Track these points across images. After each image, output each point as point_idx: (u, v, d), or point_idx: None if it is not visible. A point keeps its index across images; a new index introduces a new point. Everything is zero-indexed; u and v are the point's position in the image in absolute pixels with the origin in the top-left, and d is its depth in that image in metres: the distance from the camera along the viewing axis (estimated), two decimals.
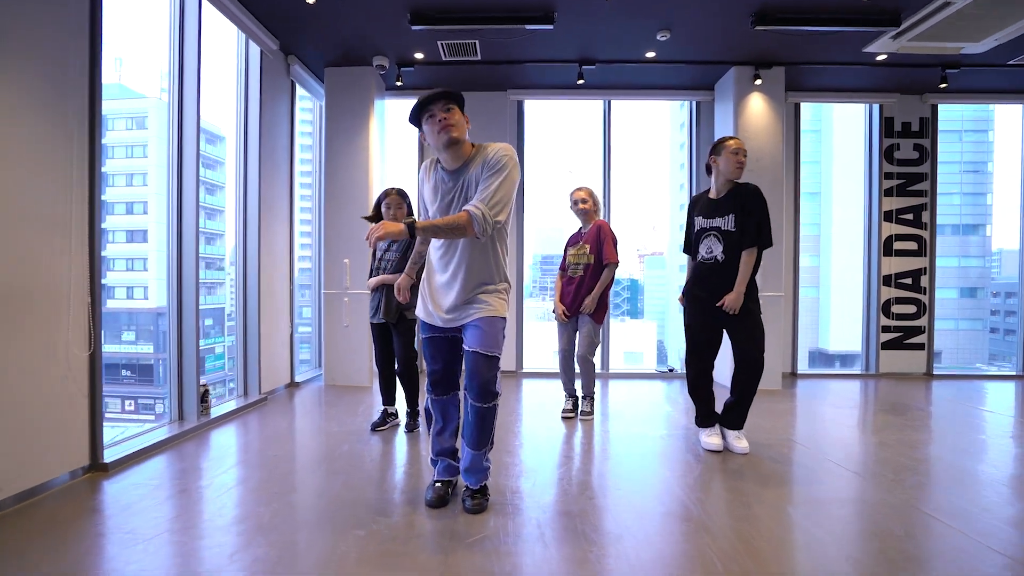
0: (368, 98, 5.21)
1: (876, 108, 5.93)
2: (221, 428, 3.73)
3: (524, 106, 5.94)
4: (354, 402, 4.51)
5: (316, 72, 5.36)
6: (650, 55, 4.94)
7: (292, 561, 1.93)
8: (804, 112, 5.81)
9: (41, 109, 2.50)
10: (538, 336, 6.86)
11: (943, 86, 5.21)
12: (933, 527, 2.24)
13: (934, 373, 5.92)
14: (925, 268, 5.93)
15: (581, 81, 5.21)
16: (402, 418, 3.83)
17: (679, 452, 3.26)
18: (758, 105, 5.18)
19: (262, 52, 4.52)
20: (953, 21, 4.07)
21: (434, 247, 2.39)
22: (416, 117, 2.27)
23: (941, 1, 3.83)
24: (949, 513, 2.37)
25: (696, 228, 3.26)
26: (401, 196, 3.55)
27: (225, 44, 4.55)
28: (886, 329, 5.93)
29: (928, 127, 5.91)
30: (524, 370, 5.94)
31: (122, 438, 3.18)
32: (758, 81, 5.10)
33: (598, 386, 5.19)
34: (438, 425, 2.50)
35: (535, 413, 4.22)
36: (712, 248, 3.16)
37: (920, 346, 5.93)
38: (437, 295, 2.36)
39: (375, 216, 3.55)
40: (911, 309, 5.93)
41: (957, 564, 1.95)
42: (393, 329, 3.56)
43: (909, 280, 5.92)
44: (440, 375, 2.43)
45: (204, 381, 3.80)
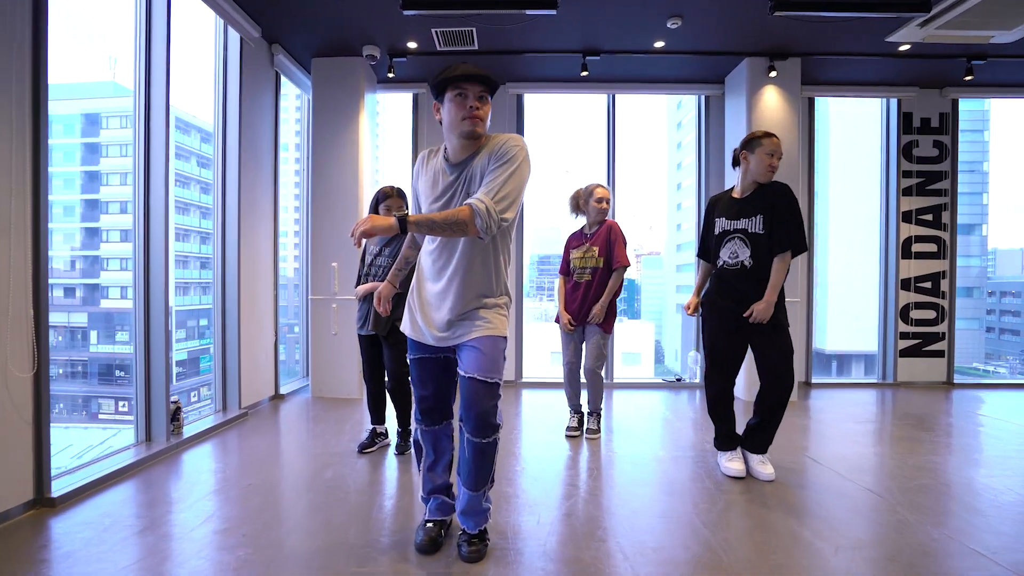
0: (358, 90, 4.88)
1: (894, 103, 5.63)
2: (195, 449, 3.40)
3: (524, 100, 5.62)
4: (341, 418, 4.18)
5: (302, 62, 5.02)
6: (659, 45, 4.62)
7: None
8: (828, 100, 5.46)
9: None
10: (536, 340, 6.55)
11: (968, 78, 4.90)
12: (961, 549, 1.94)
13: (955, 382, 5.63)
14: (945, 271, 5.64)
15: (585, 73, 4.89)
16: (392, 438, 3.51)
17: (697, 478, 2.95)
18: (772, 99, 4.87)
19: (242, 40, 4.19)
20: (987, 6, 3.77)
21: (426, 251, 2.06)
22: (441, 86, 1.92)
23: None
24: (1004, 553, 2.06)
25: (717, 230, 2.95)
26: (402, 198, 3.24)
27: (200, 28, 4.22)
28: (904, 335, 5.63)
29: (948, 123, 5.61)
30: (524, 380, 5.63)
31: (77, 464, 2.85)
32: (773, 73, 4.79)
33: (603, 398, 4.89)
34: (429, 459, 2.18)
35: (537, 430, 3.90)
36: (737, 252, 2.85)
37: (940, 353, 5.64)
38: (428, 308, 2.03)
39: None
40: (930, 314, 5.64)
41: None
42: (384, 342, 3.23)
43: (928, 284, 5.63)
44: (431, 402, 2.11)
45: (176, 398, 3.47)
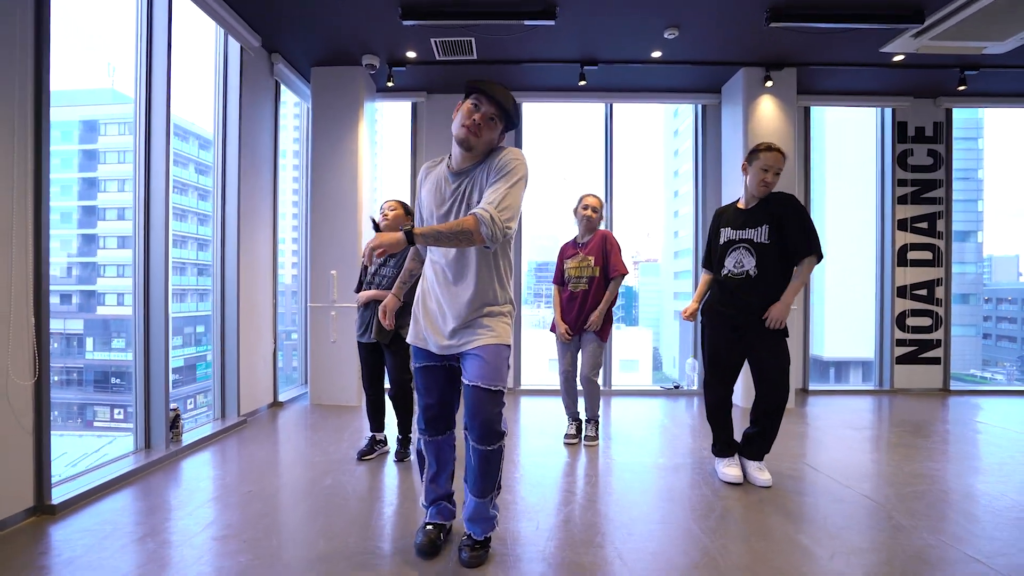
0: (357, 99, 4.92)
1: (888, 112, 5.69)
2: (194, 457, 3.40)
3: (522, 110, 5.66)
4: (340, 425, 4.19)
5: (302, 71, 5.06)
6: (656, 54, 4.67)
7: None
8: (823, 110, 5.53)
9: None
10: (534, 347, 6.56)
11: (962, 88, 4.96)
12: (955, 555, 1.95)
13: (951, 388, 5.66)
14: (940, 279, 5.68)
15: (583, 83, 4.94)
16: (392, 445, 3.51)
17: (694, 485, 2.96)
18: (768, 108, 4.92)
19: (242, 49, 4.22)
20: (980, 18, 3.83)
21: (431, 262, 2.09)
22: (470, 90, 2.01)
23: None
24: (997, 557, 2.08)
25: (723, 240, 2.97)
26: (407, 212, 3.27)
27: (200, 38, 4.26)
28: (901, 343, 5.67)
29: (942, 132, 5.67)
30: (522, 387, 5.64)
31: (77, 472, 2.85)
32: (769, 83, 4.84)
33: (601, 404, 4.90)
34: (432, 470, 2.18)
35: (536, 438, 3.91)
36: (743, 261, 2.87)
37: (936, 360, 5.67)
38: (433, 317, 2.05)
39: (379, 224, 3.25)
40: (926, 322, 5.67)
41: None
42: (386, 350, 3.24)
43: (924, 291, 5.67)
44: (436, 411, 2.12)
45: (175, 405, 3.47)
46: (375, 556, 2.14)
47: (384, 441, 3.46)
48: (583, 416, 3.84)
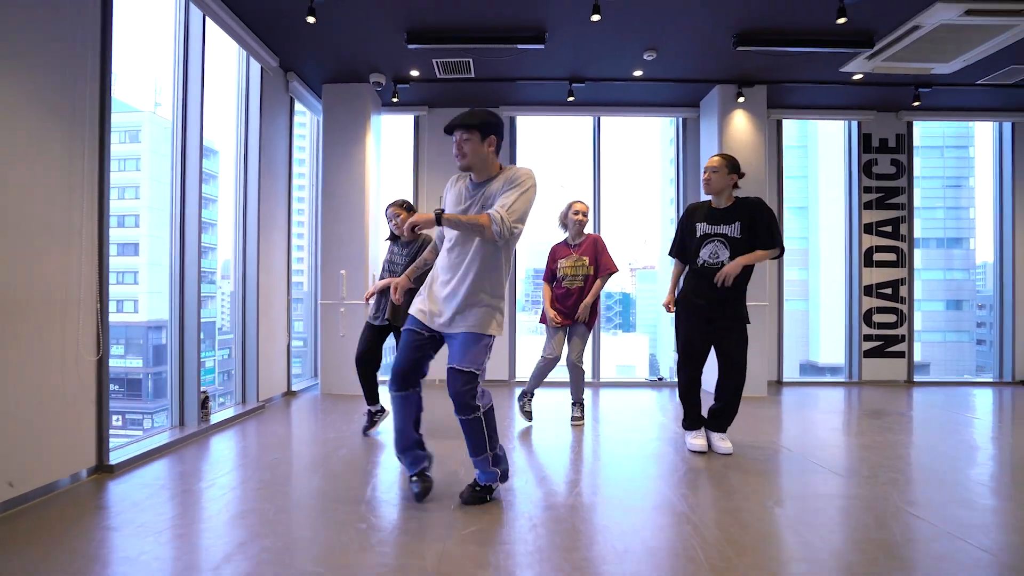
0: (365, 113, 5.37)
1: (855, 124, 6.16)
2: (221, 434, 3.81)
3: (516, 122, 6.12)
4: (350, 410, 4.60)
5: (314, 88, 5.51)
6: (637, 73, 5.14)
7: (298, 550, 2.03)
8: (791, 128, 6.04)
9: (56, 124, 2.62)
10: (532, 348, 6.96)
11: (916, 104, 5.44)
12: (905, 518, 2.37)
13: (915, 380, 6.10)
14: (904, 279, 6.13)
15: (571, 98, 5.40)
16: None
17: (667, 454, 3.39)
18: (741, 122, 5.39)
19: (262, 69, 4.67)
20: (922, 43, 4.29)
21: (444, 252, 2.51)
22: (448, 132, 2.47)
23: (910, 25, 4.05)
24: (920, 506, 2.51)
25: (698, 234, 3.37)
26: (408, 209, 3.69)
27: (224, 59, 4.70)
28: (868, 338, 6.11)
29: (904, 143, 6.14)
30: (517, 379, 6.05)
31: (125, 442, 3.27)
32: (741, 99, 5.31)
33: (589, 394, 5.33)
34: (397, 423, 2.52)
35: (536, 426, 4.32)
36: (718, 253, 3.27)
37: (901, 354, 6.11)
38: (436, 299, 2.46)
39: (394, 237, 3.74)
40: (891, 318, 6.12)
41: (924, 549, 2.08)
42: (396, 332, 3.66)
43: (889, 290, 6.12)
44: (403, 366, 2.46)
45: (205, 388, 3.89)
46: (389, 502, 2.55)
47: (382, 408, 3.85)
48: (570, 399, 4.24)
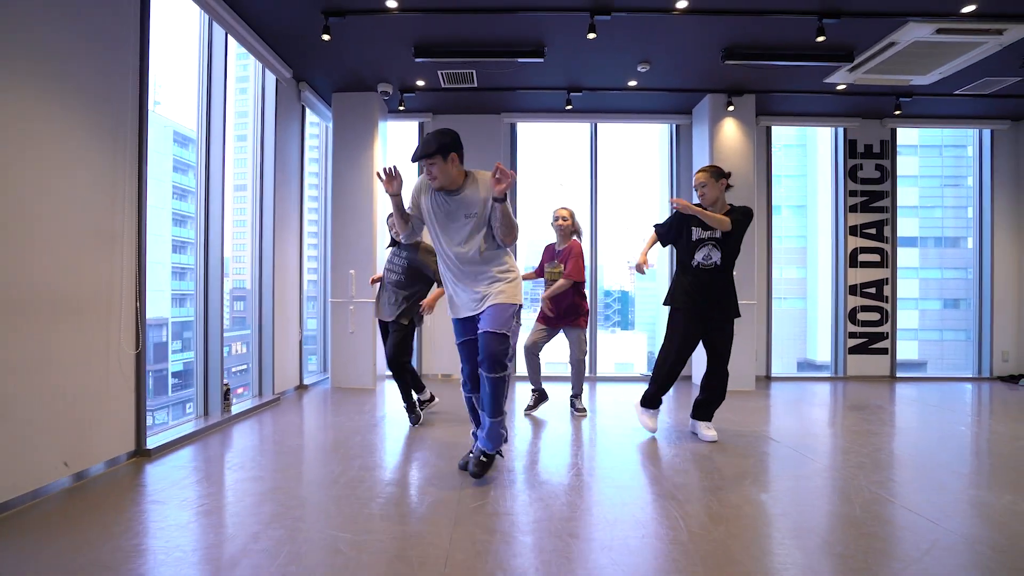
0: (373, 121, 5.64)
1: (841, 131, 6.44)
2: (241, 424, 4.09)
3: (517, 128, 6.39)
4: (359, 402, 4.88)
5: (324, 97, 5.78)
6: (632, 84, 5.41)
7: (327, 518, 2.31)
8: (790, 128, 6.27)
9: (101, 140, 2.89)
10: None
11: (897, 113, 5.72)
12: (878, 500, 2.66)
13: (897, 376, 6.38)
14: (887, 279, 6.41)
15: (569, 107, 5.67)
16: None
17: (658, 443, 3.67)
18: (731, 129, 5.66)
19: (277, 80, 4.94)
20: (900, 58, 4.57)
21: (444, 263, 2.85)
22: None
23: (887, 41, 4.32)
24: (885, 486, 2.79)
25: (694, 237, 3.63)
26: None
27: (240, 71, 4.96)
28: (852, 335, 6.40)
29: (888, 148, 6.42)
30: (518, 374, 6.33)
31: (157, 429, 3.54)
32: (731, 107, 5.58)
33: (587, 388, 5.61)
34: (473, 414, 3.04)
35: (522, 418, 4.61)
36: (711, 255, 3.58)
37: (884, 351, 6.39)
38: (462, 302, 2.83)
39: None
40: (875, 316, 6.40)
41: (890, 527, 2.36)
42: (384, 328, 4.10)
43: (873, 289, 6.40)
44: (469, 375, 2.93)
45: (227, 381, 4.17)
46: (406, 478, 2.83)
47: (431, 397, 4.32)
48: (571, 391, 4.52)
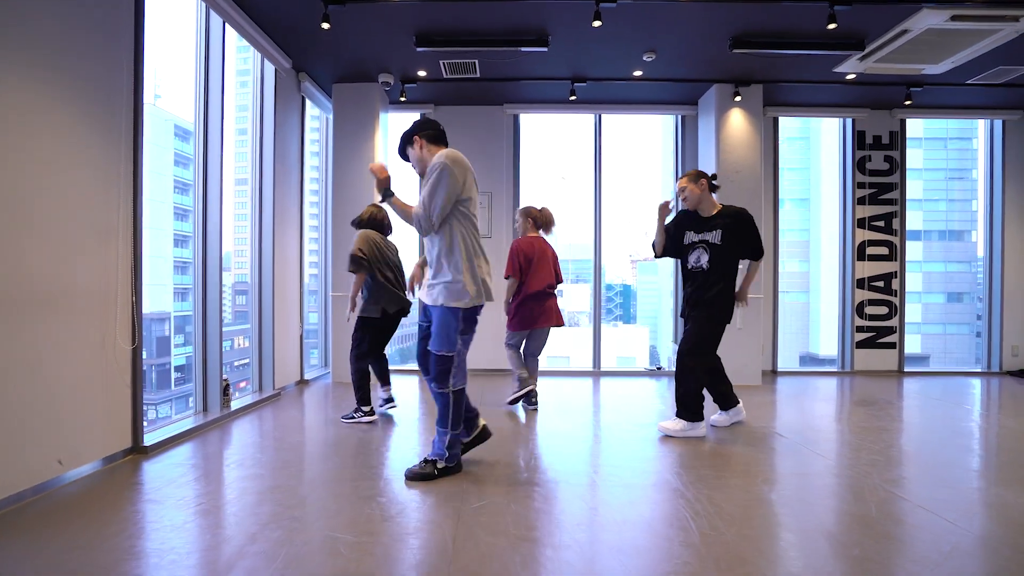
0: (373, 112, 5.55)
1: (849, 122, 6.33)
2: (242, 419, 4.03)
3: (520, 120, 6.30)
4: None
5: (324, 88, 5.69)
6: (637, 73, 5.31)
7: (326, 519, 2.25)
8: (792, 120, 6.21)
9: (95, 132, 2.82)
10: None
11: (908, 103, 5.62)
12: (892, 498, 2.59)
13: (905, 370, 6.30)
14: (896, 272, 6.32)
15: (573, 97, 5.58)
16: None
17: (664, 439, 3.60)
18: (738, 120, 5.56)
19: (276, 71, 4.85)
20: (912, 46, 4.46)
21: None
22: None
23: (899, 29, 4.22)
24: (904, 488, 2.72)
25: (686, 241, 3.62)
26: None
27: (239, 62, 4.88)
28: (860, 329, 6.31)
29: (897, 140, 6.31)
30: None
31: (155, 426, 3.49)
32: (738, 98, 5.48)
33: (590, 383, 5.55)
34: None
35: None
36: (700, 258, 3.54)
37: (892, 345, 6.31)
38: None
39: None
40: (883, 310, 6.31)
41: (907, 527, 2.29)
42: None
43: (881, 283, 6.31)
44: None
45: (226, 377, 4.10)
46: (400, 478, 2.77)
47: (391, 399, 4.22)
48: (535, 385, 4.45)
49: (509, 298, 4.30)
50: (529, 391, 4.30)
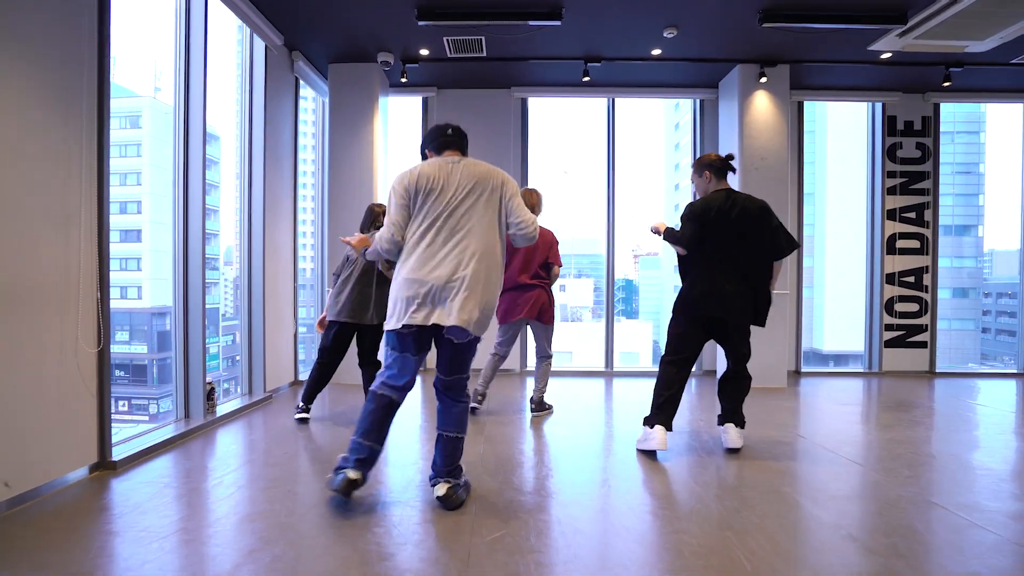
0: (372, 94, 5.18)
1: (879, 107, 5.94)
2: (228, 426, 3.69)
3: (528, 104, 5.92)
4: (358, 400, 4.46)
5: (320, 68, 5.32)
6: (656, 52, 4.93)
7: (311, 560, 1.90)
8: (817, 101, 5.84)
9: (52, 106, 2.46)
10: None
11: (947, 84, 5.22)
12: (929, 510, 2.23)
13: (937, 371, 5.94)
14: (927, 267, 5.95)
15: (587, 78, 5.20)
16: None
17: (690, 448, 3.25)
18: (763, 103, 5.18)
19: (267, 48, 4.48)
20: (959, 19, 4.08)
21: None
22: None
23: None
24: (937, 494, 2.37)
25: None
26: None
27: (225, 40, 4.52)
28: (889, 327, 5.94)
29: (930, 126, 5.93)
30: (527, 368, 5.92)
31: (129, 436, 3.14)
32: (763, 79, 5.10)
33: (603, 383, 5.21)
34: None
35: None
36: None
37: (923, 344, 5.95)
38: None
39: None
40: (914, 307, 5.95)
41: (943, 536, 1.94)
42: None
43: (912, 278, 5.94)
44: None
45: (211, 380, 3.76)
46: (406, 500, 2.42)
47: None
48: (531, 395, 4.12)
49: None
50: (472, 407, 3.96)
